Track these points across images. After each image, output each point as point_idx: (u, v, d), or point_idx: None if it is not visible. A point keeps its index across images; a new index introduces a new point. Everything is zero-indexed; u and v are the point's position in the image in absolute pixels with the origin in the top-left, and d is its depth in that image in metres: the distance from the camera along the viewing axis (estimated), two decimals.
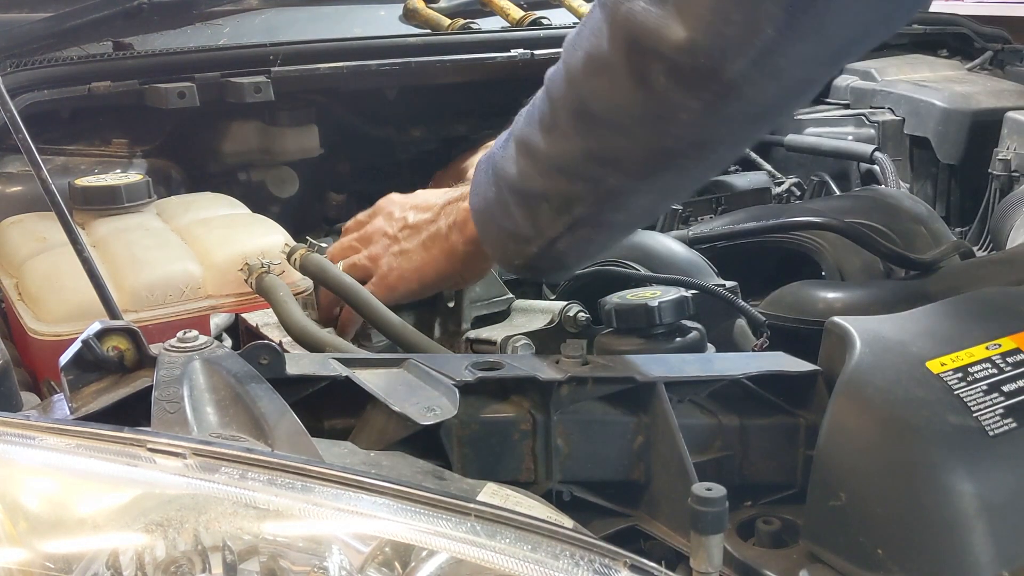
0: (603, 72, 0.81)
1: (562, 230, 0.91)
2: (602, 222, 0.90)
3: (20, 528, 0.63)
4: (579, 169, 0.87)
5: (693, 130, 0.80)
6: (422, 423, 0.74)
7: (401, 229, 1.09)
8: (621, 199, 0.88)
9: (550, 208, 0.90)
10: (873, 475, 0.71)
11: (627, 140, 0.83)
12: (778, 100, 0.81)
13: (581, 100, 0.84)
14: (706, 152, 0.84)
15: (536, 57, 1.59)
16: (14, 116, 0.93)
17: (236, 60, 1.47)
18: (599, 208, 0.88)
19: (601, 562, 0.55)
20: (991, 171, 1.60)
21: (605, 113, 0.83)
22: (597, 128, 0.84)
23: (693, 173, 0.87)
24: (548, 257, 0.94)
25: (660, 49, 0.76)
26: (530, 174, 0.90)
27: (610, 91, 0.81)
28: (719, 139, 0.83)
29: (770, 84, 0.78)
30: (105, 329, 0.75)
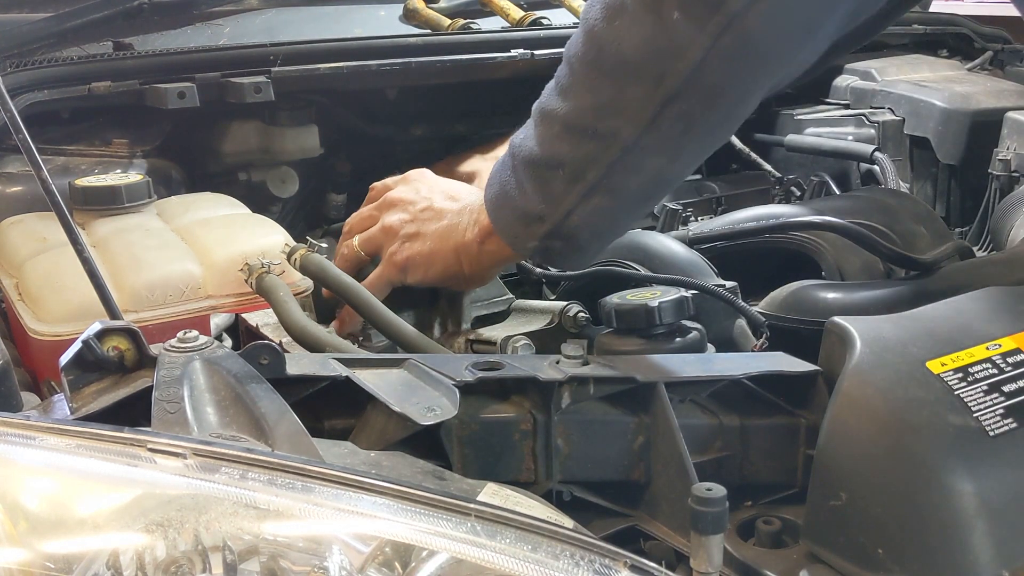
0: (620, 14, 0.85)
1: (576, 200, 0.92)
2: (615, 187, 0.91)
3: (20, 528, 0.63)
4: (593, 124, 0.89)
5: (699, 68, 0.83)
6: (422, 423, 0.74)
7: (424, 209, 1.08)
8: (633, 158, 0.89)
9: (564, 176, 0.91)
10: (873, 475, 0.71)
11: (638, 84, 0.85)
12: (779, 40, 0.84)
13: (598, 48, 0.87)
14: (711, 96, 0.86)
15: (536, 57, 1.59)
16: (14, 116, 0.93)
17: (236, 60, 1.47)
18: (611, 170, 0.90)
19: (601, 562, 0.55)
20: (991, 171, 1.60)
21: (620, 56, 0.85)
22: (611, 75, 0.87)
23: (699, 124, 0.88)
24: (562, 235, 0.94)
25: None
26: (546, 140, 0.92)
27: (625, 32, 0.85)
28: (723, 80, 0.85)
29: (772, 20, 0.81)
30: (105, 329, 0.75)
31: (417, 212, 1.08)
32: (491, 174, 1.00)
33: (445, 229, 1.05)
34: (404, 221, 1.08)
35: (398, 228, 1.08)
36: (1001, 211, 1.49)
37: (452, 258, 1.04)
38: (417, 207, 1.09)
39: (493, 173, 0.99)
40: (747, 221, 1.31)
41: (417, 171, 1.15)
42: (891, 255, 1.18)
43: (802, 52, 0.89)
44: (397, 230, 1.08)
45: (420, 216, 1.08)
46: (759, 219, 1.30)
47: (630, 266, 1.16)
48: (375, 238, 1.10)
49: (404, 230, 1.07)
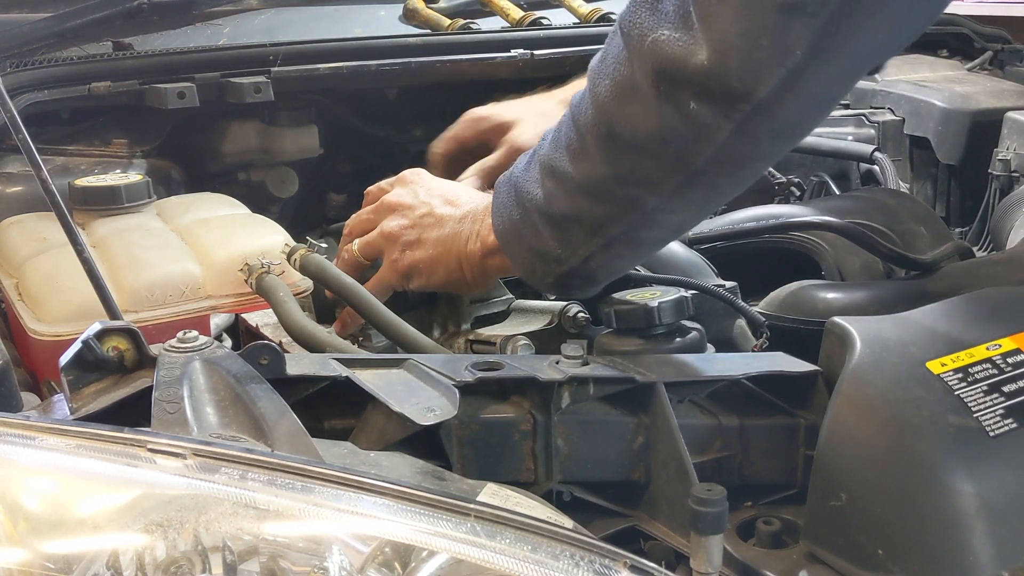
0: (633, 100, 0.82)
1: (595, 249, 0.91)
2: (635, 239, 0.91)
3: (20, 528, 0.63)
4: (610, 192, 0.87)
5: (723, 150, 0.81)
6: (422, 423, 0.74)
7: (424, 215, 1.06)
8: (654, 217, 0.88)
9: (582, 229, 0.90)
10: (873, 475, 0.71)
11: (658, 163, 0.84)
12: (803, 117, 0.83)
13: (610, 126, 0.85)
14: (736, 169, 0.85)
15: (536, 57, 1.59)
16: (14, 116, 0.93)
17: (236, 60, 1.47)
18: (632, 227, 0.89)
19: (601, 562, 0.55)
20: (991, 171, 1.60)
21: (635, 138, 0.83)
22: (627, 153, 0.84)
23: (723, 189, 0.88)
24: (580, 275, 0.94)
25: (689, 76, 0.78)
26: (559, 197, 0.90)
27: (641, 117, 0.82)
28: (748, 156, 0.84)
29: (797, 102, 0.79)
30: (105, 329, 0.75)
31: (417, 218, 1.07)
32: (495, 202, 0.98)
33: (447, 237, 1.04)
34: (404, 227, 1.07)
35: (398, 234, 1.07)
36: (1001, 211, 1.49)
37: (455, 266, 1.03)
38: (417, 212, 1.07)
39: (499, 203, 0.97)
40: (747, 221, 1.31)
41: (412, 171, 1.14)
42: (891, 255, 1.18)
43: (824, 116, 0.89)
44: (397, 236, 1.07)
45: (421, 222, 1.06)
46: (759, 219, 1.30)
47: None
48: (375, 243, 1.09)
49: (405, 237, 1.06)
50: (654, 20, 0.80)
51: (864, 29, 0.76)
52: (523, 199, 0.93)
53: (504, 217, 0.96)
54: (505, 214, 0.96)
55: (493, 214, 0.98)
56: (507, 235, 0.96)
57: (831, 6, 0.74)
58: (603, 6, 1.84)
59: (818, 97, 0.82)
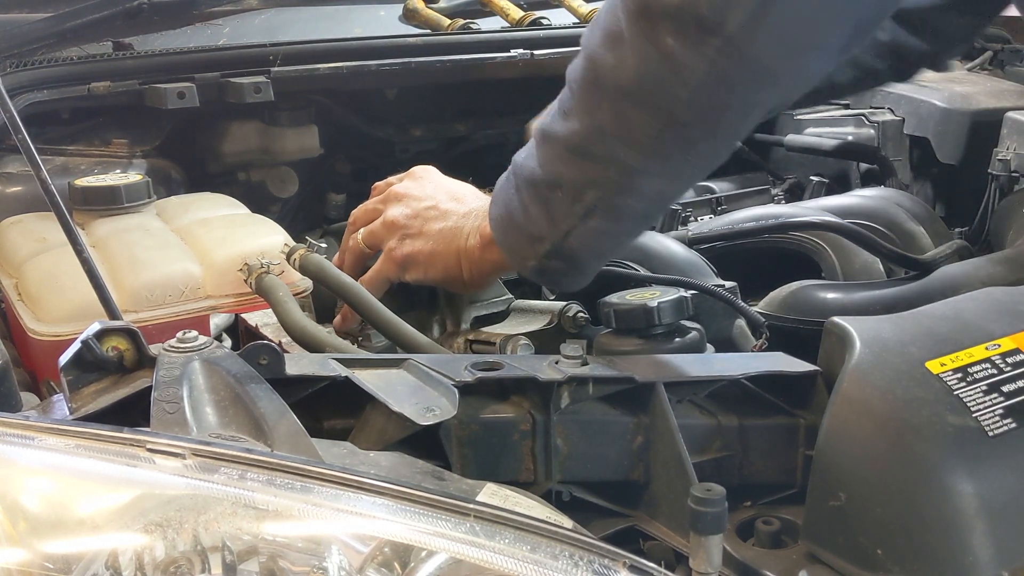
0: (618, 43, 0.85)
1: (575, 221, 0.91)
2: (614, 209, 0.91)
3: (20, 528, 0.63)
4: (593, 147, 0.88)
5: (699, 93, 0.83)
6: (421, 423, 0.74)
7: (428, 207, 1.08)
8: (632, 181, 0.89)
9: (564, 196, 0.91)
10: (873, 475, 0.71)
11: (637, 110, 0.85)
12: (779, 61, 0.83)
13: (597, 74, 0.87)
14: (712, 119, 0.86)
15: (536, 57, 1.59)
16: (14, 116, 0.93)
17: (236, 60, 1.47)
18: (611, 192, 0.89)
19: (600, 562, 0.55)
20: (991, 171, 1.60)
21: (618, 82, 0.85)
22: (611, 100, 0.86)
23: (700, 147, 0.88)
24: (561, 255, 0.94)
25: (664, 9, 0.80)
26: (547, 162, 0.92)
27: (623, 59, 0.84)
28: (724, 103, 0.85)
29: (768, 41, 0.80)
30: (105, 329, 0.75)
31: (421, 209, 1.08)
32: (496, 191, 1.00)
33: (448, 231, 1.05)
34: (407, 216, 1.08)
35: (400, 223, 1.08)
36: (1001, 211, 1.48)
37: (453, 261, 1.03)
38: (422, 204, 1.08)
39: (497, 191, 0.99)
40: (747, 221, 1.31)
41: (422, 167, 1.15)
42: (891, 255, 1.18)
43: (808, 68, 0.88)
44: (399, 225, 1.08)
45: (424, 214, 1.07)
46: (759, 219, 1.30)
47: (629, 266, 1.16)
48: (377, 232, 1.10)
49: (406, 226, 1.07)
50: None
51: None
52: (518, 175, 0.95)
53: (499, 202, 0.98)
54: (501, 198, 0.98)
55: (492, 202, 1.00)
56: (500, 220, 0.98)
57: None
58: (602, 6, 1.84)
59: (793, 39, 0.82)
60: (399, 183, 1.13)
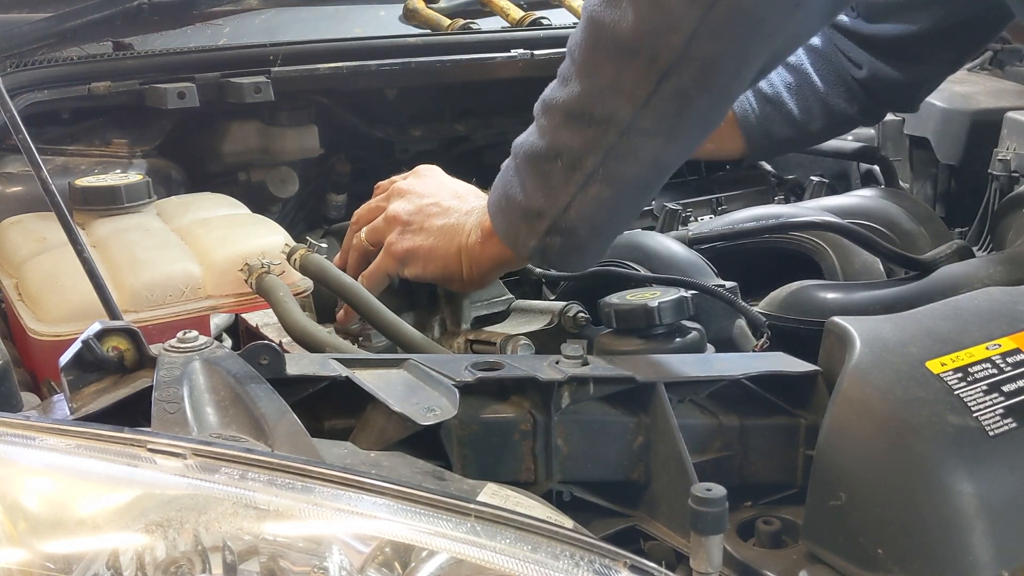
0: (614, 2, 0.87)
1: (575, 190, 0.92)
2: (612, 175, 0.92)
3: (20, 528, 0.63)
4: (591, 109, 0.90)
5: (692, 42, 0.84)
6: (422, 423, 0.74)
7: (430, 204, 1.08)
8: (630, 142, 0.90)
9: (562, 166, 0.92)
10: (873, 475, 0.71)
11: (634, 64, 0.87)
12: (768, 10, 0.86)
13: (596, 33, 0.88)
14: (706, 73, 0.87)
15: (536, 57, 1.59)
16: (14, 116, 0.93)
17: (236, 60, 1.47)
18: (609, 156, 0.90)
19: (601, 562, 0.55)
20: (991, 171, 1.60)
21: (616, 38, 0.87)
22: (609, 58, 0.88)
23: (694, 102, 0.89)
24: (561, 230, 0.94)
25: None
26: (546, 131, 0.93)
27: (622, 13, 0.86)
28: (715, 54, 0.86)
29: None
30: (105, 329, 0.75)
31: (423, 205, 1.08)
32: (495, 182, 1.00)
33: (450, 227, 1.05)
34: (409, 212, 1.08)
35: (402, 219, 1.08)
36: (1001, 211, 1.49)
37: (453, 258, 1.04)
38: (424, 200, 1.09)
39: (497, 180, 1.00)
40: (747, 221, 1.31)
41: (427, 167, 1.16)
42: (891, 255, 1.18)
43: (798, 25, 0.91)
44: (401, 220, 1.08)
45: (426, 209, 1.08)
46: (759, 219, 1.30)
47: (630, 266, 1.16)
48: (380, 228, 1.10)
49: (408, 221, 1.08)
50: None
51: None
52: (516, 154, 0.97)
53: (498, 187, 0.99)
54: (500, 183, 0.99)
55: (492, 190, 1.00)
56: (499, 205, 0.98)
57: None
58: None
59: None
60: (403, 180, 1.14)
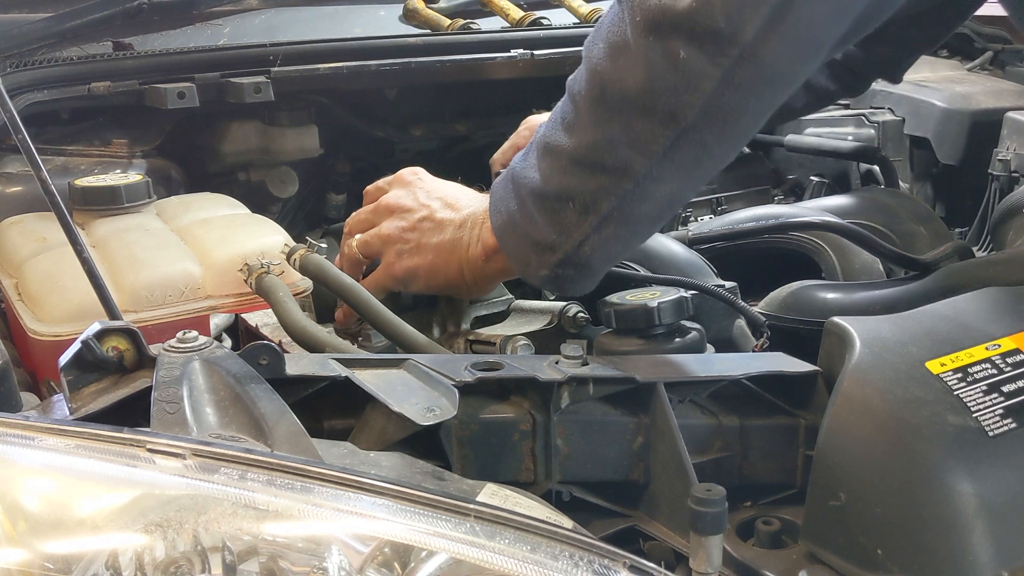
0: (624, 53, 0.83)
1: (589, 231, 0.90)
2: (628, 216, 0.90)
3: (20, 528, 0.63)
4: (602, 159, 0.87)
5: (712, 100, 0.81)
6: (422, 423, 0.74)
7: (423, 220, 1.05)
8: (646, 188, 0.87)
9: (575, 208, 0.89)
10: (873, 475, 0.71)
11: (648, 120, 0.84)
12: (791, 64, 0.83)
13: (603, 87, 0.85)
14: (726, 124, 0.85)
15: (536, 57, 1.59)
16: (14, 116, 0.93)
17: (236, 60, 1.47)
18: (624, 200, 0.88)
19: (600, 563, 0.55)
20: (991, 171, 1.60)
21: (626, 95, 0.84)
22: (619, 112, 0.85)
23: (713, 150, 0.87)
24: (574, 263, 0.92)
25: (677, 21, 0.79)
26: (553, 174, 0.90)
27: (631, 72, 0.83)
28: (738, 108, 0.84)
29: (783, 46, 0.80)
30: (105, 329, 0.75)
31: (416, 222, 1.05)
32: (492, 200, 0.98)
33: (448, 243, 1.03)
34: (403, 230, 1.06)
35: (396, 238, 1.06)
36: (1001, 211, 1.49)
37: (455, 271, 1.02)
38: (415, 216, 1.06)
39: (496, 200, 0.97)
40: (747, 221, 1.31)
41: (411, 171, 1.12)
42: (891, 255, 1.18)
43: (811, 69, 0.88)
44: (395, 240, 1.06)
45: (419, 226, 1.05)
46: (759, 219, 1.30)
47: (630, 266, 1.16)
48: (373, 243, 1.08)
49: (403, 241, 1.05)
50: None
51: None
52: (519, 186, 0.93)
53: (502, 211, 0.96)
54: (503, 208, 0.96)
55: (491, 211, 0.98)
56: (504, 229, 0.96)
57: None
58: (603, 6, 1.84)
59: (805, 41, 0.82)
60: (389, 191, 1.11)
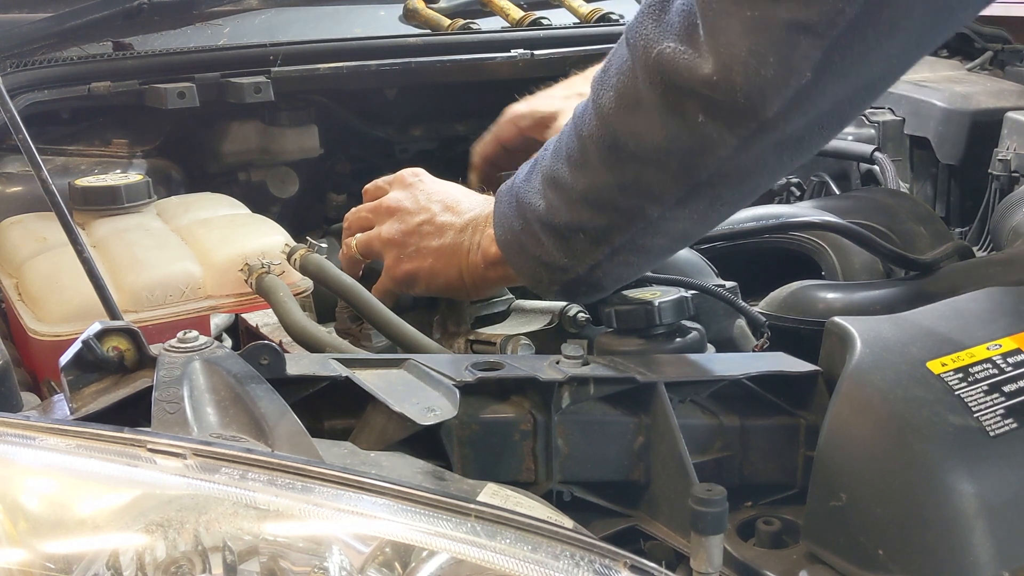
0: (637, 109, 0.81)
1: (600, 258, 0.89)
2: (640, 247, 0.89)
3: (20, 528, 0.63)
4: (613, 202, 0.86)
5: (728, 163, 0.80)
6: (422, 423, 0.74)
7: (423, 223, 1.04)
8: (659, 225, 0.87)
9: (586, 239, 0.89)
10: (873, 475, 0.71)
11: (661, 174, 0.83)
12: (811, 134, 0.82)
13: (614, 136, 0.84)
14: (741, 183, 0.84)
15: (536, 57, 1.59)
16: (14, 116, 0.93)
17: (236, 60, 1.47)
18: (637, 236, 0.87)
19: (601, 562, 0.55)
20: (991, 171, 1.60)
21: (639, 149, 0.82)
22: (631, 163, 0.83)
23: (728, 200, 0.86)
24: (586, 283, 0.92)
25: (695, 88, 0.77)
26: (561, 207, 0.89)
27: (645, 127, 0.81)
28: (753, 170, 0.83)
29: (805, 120, 0.78)
30: (105, 329, 0.75)
31: (416, 225, 1.05)
32: (497, 212, 0.97)
33: (448, 248, 1.02)
34: (403, 233, 1.05)
35: (396, 241, 1.05)
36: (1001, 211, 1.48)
37: (455, 275, 1.02)
38: (415, 219, 1.05)
39: (500, 213, 0.96)
40: (747, 221, 1.31)
41: (411, 171, 1.11)
42: (891, 255, 1.18)
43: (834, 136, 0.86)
44: (395, 243, 1.05)
45: (419, 230, 1.04)
46: (759, 219, 1.30)
47: None
48: (372, 245, 1.08)
49: (403, 244, 1.05)
50: (659, 32, 0.79)
51: (876, 51, 0.75)
52: (524, 210, 0.92)
53: (506, 227, 0.95)
54: (507, 224, 0.95)
55: (495, 224, 0.97)
56: (510, 246, 0.95)
57: (839, 27, 0.72)
58: (603, 6, 1.84)
59: (827, 115, 0.80)
60: (389, 191, 1.10)
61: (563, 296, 0.98)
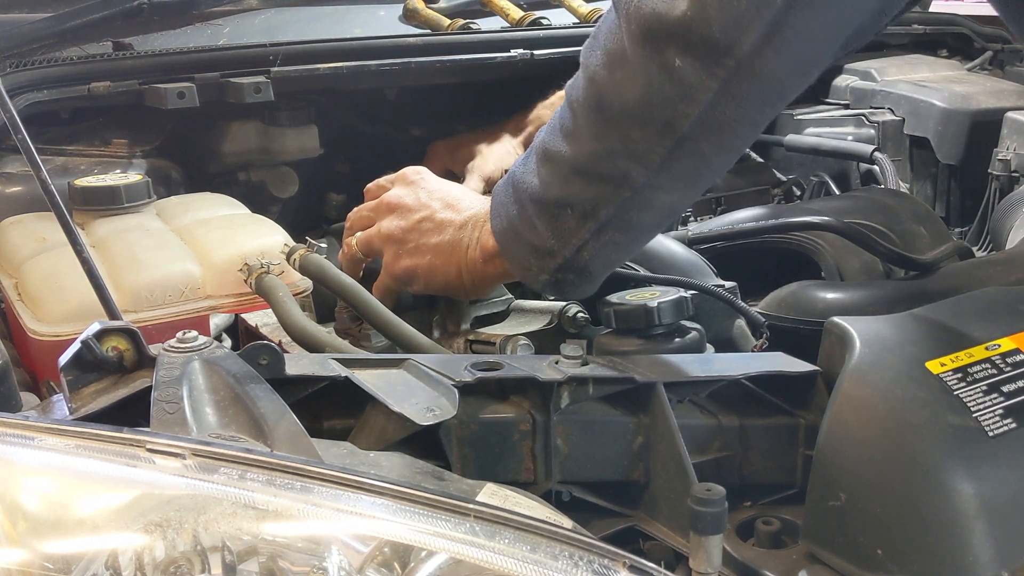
0: (621, 64, 0.83)
1: (587, 237, 0.91)
2: (627, 223, 0.90)
3: (20, 528, 0.63)
4: (601, 169, 0.87)
5: (709, 111, 0.82)
6: (422, 423, 0.74)
7: (423, 220, 1.05)
8: (644, 197, 0.88)
9: (574, 214, 0.90)
10: (872, 475, 0.71)
11: (645, 131, 0.84)
12: (787, 77, 0.83)
13: (600, 96, 0.86)
14: (723, 134, 0.85)
15: (536, 57, 1.59)
16: (14, 116, 0.93)
17: (236, 60, 1.47)
18: (623, 209, 0.89)
19: (600, 563, 0.55)
20: (991, 171, 1.60)
21: (623, 106, 0.84)
22: (617, 123, 0.85)
23: (711, 159, 0.87)
24: (574, 268, 0.93)
25: (672, 30, 0.79)
26: (552, 182, 0.90)
27: (629, 82, 0.83)
28: (734, 119, 0.84)
29: (779, 60, 0.80)
30: (105, 329, 0.75)
31: (416, 222, 1.06)
32: (494, 203, 0.98)
33: (447, 244, 1.03)
34: (403, 230, 1.06)
35: (396, 237, 1.06)
36: (1001, 211, 1.49)
37: (454, 273, 1.02)
38: (416, 216, 1.06)
39: (497, 204, 0.98)
40: (747, 221, 1.31)
41: (414, 170, 1.13)
42: (891, 255, 1.18)
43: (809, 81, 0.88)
44: (395, 239, 1.06)
45: (419, 227, 1.05)
46: (759, 219, 1.30)
47: (630, 266, 1.16)
48: (373, 242, 1.09)
49: (402, 241, 1.05)
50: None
51: None
52: (519, 190, 0.94)
53: (502, 216, 0.97)
54: (503, 212, 0.96)
55: (492, 215, 0.98)
56: (505, 234, 0.96)
57: None
58: (603, 6, 1.84)
59: (801, 56, 0.82)
60: (391, 188, 1.11)
61: (553, 287, 0.98)
